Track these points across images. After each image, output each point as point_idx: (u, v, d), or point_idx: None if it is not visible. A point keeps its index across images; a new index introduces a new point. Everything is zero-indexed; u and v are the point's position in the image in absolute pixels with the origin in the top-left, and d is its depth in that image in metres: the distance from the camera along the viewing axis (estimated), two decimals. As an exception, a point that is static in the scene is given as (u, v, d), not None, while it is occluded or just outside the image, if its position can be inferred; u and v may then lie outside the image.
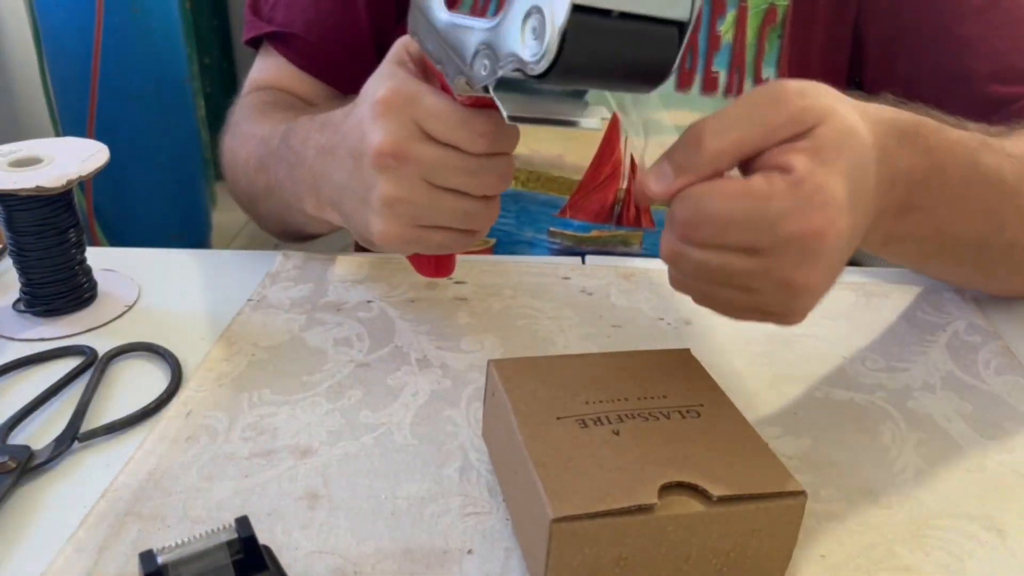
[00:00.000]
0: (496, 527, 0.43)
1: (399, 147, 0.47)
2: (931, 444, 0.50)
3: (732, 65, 0.72)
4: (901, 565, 0.42)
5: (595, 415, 0.42)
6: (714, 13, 0.71)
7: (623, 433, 0.40)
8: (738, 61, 0.72)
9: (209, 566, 0.34)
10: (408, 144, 0.48)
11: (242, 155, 0.71)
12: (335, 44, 0.76)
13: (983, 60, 0.68)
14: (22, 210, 0.58)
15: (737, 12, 0.71)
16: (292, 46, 0.77)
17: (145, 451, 0.48)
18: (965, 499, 0.46)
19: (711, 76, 0.72)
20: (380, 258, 0.70)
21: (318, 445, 0.49)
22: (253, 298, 0.64)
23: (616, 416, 0.42)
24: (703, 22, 0.71)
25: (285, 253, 0.71)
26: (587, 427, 0.41)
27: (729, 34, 0.71)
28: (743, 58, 0.72)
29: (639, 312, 0.63)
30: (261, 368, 0.56)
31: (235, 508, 0.44)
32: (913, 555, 0.42)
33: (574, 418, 0.41)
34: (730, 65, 0.72)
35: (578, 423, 0.41)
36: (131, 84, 2.04)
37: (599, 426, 0.41)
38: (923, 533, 0.44)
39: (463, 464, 0.48)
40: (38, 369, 0.56)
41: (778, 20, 0.72)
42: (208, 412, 0.52)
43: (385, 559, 0.41)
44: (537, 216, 0.77)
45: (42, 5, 2.02)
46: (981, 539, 0.43)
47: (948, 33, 0.68)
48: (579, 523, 0.35)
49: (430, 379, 0.55)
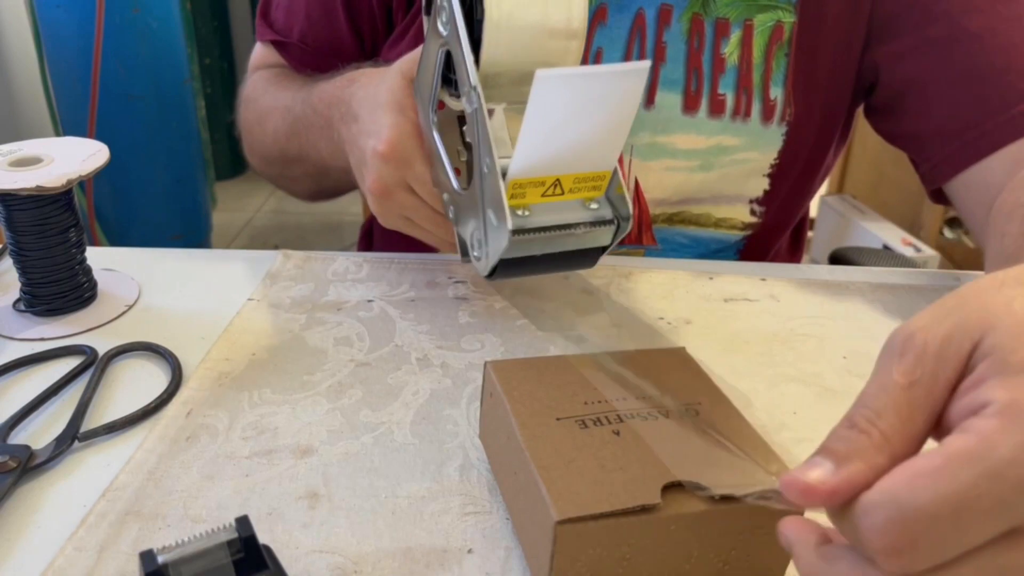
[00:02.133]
0: (496, 526, 0.43)
1: (386, 190, 0.58)
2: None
3: (739, 86, 0.71)
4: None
5: (595, 415, 0.41)
6: (717, 35, 0.71)
7: (623, 433, 0.40)
8: (745, 82, 0.71)
9: (209, 565, 0.34)
10: (394, 190, 0.58)
11: (269, 127, 0.78)
12: (325, 52, 0.82)
13: (995, 54, 0.66)
14: (22, 210, 0.58)
15: (742, 32, 0.71)
16: (289, 52, 0.84)
17: (145, 451, 0.48)
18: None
19: (718, 98, 0.72)
20: (380, 258, 0.70)
21: (318, 444, 0.49)
22: (253, 297, 0.64)
23: (616, 416, 0.41)
24: (707, 44, 0.71)
25: (285, 253, 0.71)
26: (587, 428, 0.41)
27: (735, 55, 0.71)
28: (750, 79, 0.71)
29: (640, 312, 0.63)
30: (261, 367, 0.56)
31: (235, 507, 0.44)
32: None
33: (574, 419, 0.41)
34: (737, 86, 0.71)
35: (578, 424, 0.41)
36: (131, 84, 2.04)
37: (599, 426, 0.41)
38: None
39: (463, 463, 0.48)
40: (38, 369, 0.56)
41: (785, 37, 0.71)
42: (208, 412, 0.52)
43: (385, 558, 0.41)
44: None
45: (42, 5, 2.02)
46: None
47: (957, 26, 0.67)
48: (583, 524, 0.35)
49: (430, 378, 0.55)
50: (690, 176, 0.74)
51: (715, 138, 0.72)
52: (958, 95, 0.68)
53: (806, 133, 0.73)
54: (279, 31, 0.85)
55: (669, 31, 0.71)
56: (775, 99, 0.71)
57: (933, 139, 0.70)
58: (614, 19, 0.72)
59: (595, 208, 0.49)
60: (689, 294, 0.66)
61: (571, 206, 0.48)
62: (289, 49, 0.84)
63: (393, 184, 0.57)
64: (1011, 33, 0.66)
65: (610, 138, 0.46)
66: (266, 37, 0.86)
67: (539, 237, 0.47)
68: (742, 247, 0.79)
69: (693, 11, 0.71)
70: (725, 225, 0.77)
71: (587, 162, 0.47)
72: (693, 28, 0.71)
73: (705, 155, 0.73)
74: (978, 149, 0.66)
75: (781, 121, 0.72)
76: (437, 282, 0.66)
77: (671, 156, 0.73)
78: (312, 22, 0.83)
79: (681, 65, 0.71)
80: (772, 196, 0.75)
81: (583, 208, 0.48)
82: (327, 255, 0.70)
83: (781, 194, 0.76)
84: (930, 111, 0.70)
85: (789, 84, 0.72)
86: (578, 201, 0.48)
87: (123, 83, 2.03)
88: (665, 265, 0.70)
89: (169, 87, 2.13)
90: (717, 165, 0.73)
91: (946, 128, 0.69)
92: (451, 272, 0.68)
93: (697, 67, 0.71)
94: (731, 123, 0.72)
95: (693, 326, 0.62)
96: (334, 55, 0.81)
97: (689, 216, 0.76)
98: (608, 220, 0.49)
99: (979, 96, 0.67)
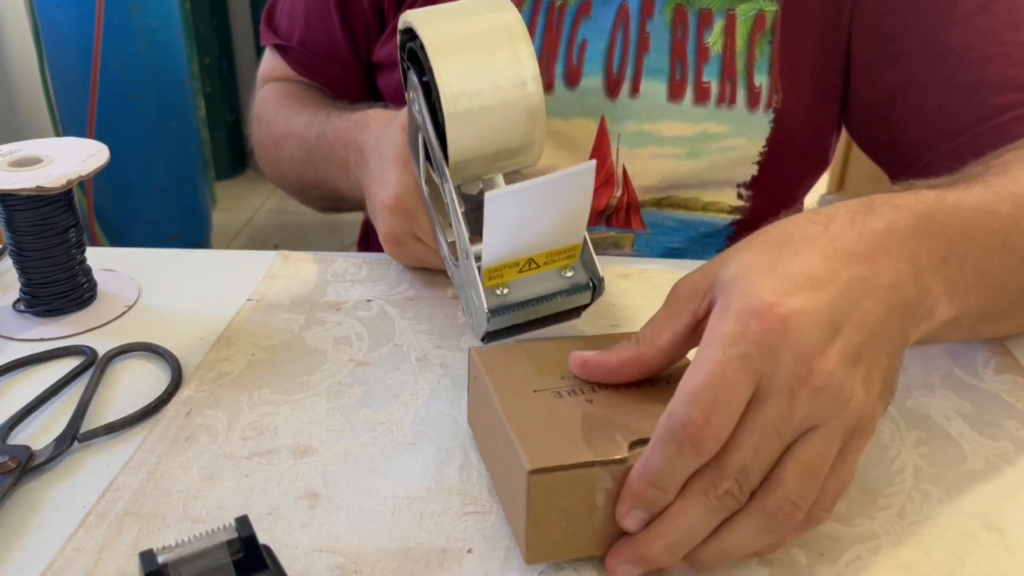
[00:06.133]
0: (496, 526, 0.43)
1: (396, 238, 0.62)
2: (930, 443, 0.50)
3: (723, 74, 0.72)
4: (900, 563, 0.42)
5: (570, 388, 0.44)
6: (701, 25, 0.72)
7: (596, 402, 0.43)
8: (729, 70, 0.72)
9: (209, 565, 0.34)
10: (404, 239, 0.62)
11: (286, 152, 0.83)
12: (323, 56, 0.86)
13: (972, 69, 0.66)
14: (22, 210, 0.59)
15: (725, 21, 0.71)
16: (291, 56, 0.88)
17: (145, 451, 0.49)
18: (964, 497, 0.46)
19: (703, 86, 0.72)
20: (379, 258, 0.70)
21: (318, 444, 0.49)
22: (253, 298, 0.64)
23: (590, 388, 0.44)
24: (690, 34, 0.72)
25: (284, 254, 0.71)
26: (562, 397, 0.43)
27: (718, 44, 0.72)
28: (734, 67, 0.72)
29: (637, 311, 0.63)
30: (261, 368, 0.56)
31: (235, 507, 0.45)
32: (912, 553, 0.42)
33: (550, 391, 0.44)
34: (721, 74, 0.72)
35: (554, 394, 0.43)
36: (131, 84, 2.04)
37: (574, 396, 0.43)
38: (922, 531, 0.44)
39: (463, 463, 0.48)
40: (38, 369, 0.57)
41: (767, 26, 0.71)
42: (208, 412, 0.52)
43: (385, 558, 0.41)
44: None
45: (42, 5, 2.02)
46: (980, 538, 0.43)
47: (935, 41, 0.67)
48: (554, 474, 0.38)
49: (430, 378, 0.55)
50: (678, 163, 0.75)
51: (701, 125, 0.73)
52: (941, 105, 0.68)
53: (795, 119, 0.73)
54: (282, 36, 0.89)
55: (652, 22, 0.72)
56: (760, 86, 0.72)
57: (916, 147, 0.71)
58: (598, 11, 0.73)
59: (570, 276, 0.52)
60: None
61: (548, 276, 0.52)
62: (290, 53, 0.88)
63: (402, 234, 0.61)
64: (986, 48, 0.66)
65: (572, 221, 0.49)
66: (269, 41, 0.90)
67: (519, 311, 0.51)
68: (732, 233, 0.79)
69: (676, 2, 0.72)
70: (713, 208, 0.77)
71: (555, 240, 0.50)
72: (676, 18, 0.72)
73: (692, 142, 0.74)
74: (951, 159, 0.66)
75: (768, 108, 0.72)
76: (436, 282, 0.66)
77: (658, 144, 0.74)
78: (310, 26, 0.86)
79: (665, 55, 0.72)
80: (761, 182, 0.76)
81: (559, 277, 0.52)
82: (326, 256, 0.71)
83: (773, 180, 0.76)
84: (912, 121, 0.70)
85: (775, 71, 0.72)
86: (555, 270, 0.52)
87: (123, 83, 2.03)
88: (663, 265, 0.70)
89: (169, 87, 2.13)
90: (704, 152, 0.74)
91: (929, 137, 0.69)
92: (450, 272, 0.68)
93: (682, 56, 0.72)
94: (716, 110, 0.72)
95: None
96: (331, 60, 0.85)
97: (677, 200, 0.77)
98: (583, 285, 0.52)
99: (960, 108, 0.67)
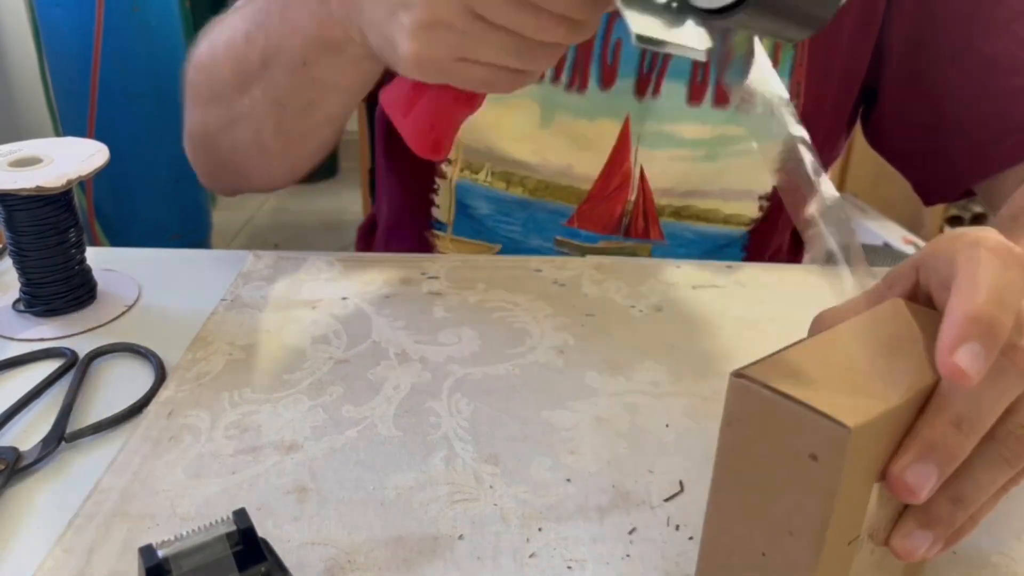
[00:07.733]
0: (485, 512, 0.44)
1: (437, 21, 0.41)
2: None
3: None
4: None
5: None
6: None
7: None
8: None
9: (209, 558, 0.35)
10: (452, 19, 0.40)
11: (220, 51, 0.64)
12: None
13: (1010, 77, 0.66)
14: (22, 210, 0.58)
15: None
16: None
17: (128, 452, 0.48)
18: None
19: (722, 89, 0.71)
20: (352, 256, 0.70)
21: (303, 440, 0.50)
22: (226, 297, 0.64)
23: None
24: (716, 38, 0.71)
25: (256, 253, 0.71)
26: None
27: (742, 47, 0.72)
28: None
29: (611, 301, 0.64)
30: (239, 367, 0.56)
31: (224, 504, 0.45)
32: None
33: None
34: None
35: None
36: (131, 84, 2.02)
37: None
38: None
39: (448, 453, 0.48)
40: (18, 372, 0.56)
41: None
42: (190, 412, 0.52)
43: (377, 547, 0.42)
44: (544, 224, 0.77)
45: (42, 5, 2.00)
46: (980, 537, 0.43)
47: (972, 48, 0.67)
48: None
49: (410, 373, 0.56)
50: (695, 165, 0.73)
51: (720, 128, 0.72)
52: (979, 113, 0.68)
53: (815, 124, 0.74)
54: None
55: None
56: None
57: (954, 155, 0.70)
58: None
59: None
60: (659, 283, 0.67)
61: None
62: None
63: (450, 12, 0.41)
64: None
65: None
66: None
67: None
68: (747, 242, 0.79)
69: None
70: (734, 222, 0.77)
71: None
72: None
73: (710, 144, 0.72)
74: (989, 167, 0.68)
75: None
76: (411, 279, 0.67)
77: (676, 145, 0.72)
78: None
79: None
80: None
81: None
82: (298, 255, 0.71)
83: None
84: (950, 129, 0.70)
85: (800, 74, 0.71)
86: None
87: (123, 82, 2.01)
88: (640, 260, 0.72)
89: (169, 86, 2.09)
90: (722, 155, 0.73)
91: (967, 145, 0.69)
92: (424, 269, 0.68)
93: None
94: (735, 114, 0.71)
95: (663, 312, 0.63)
96: None
97: (696, 211, 0.76)
98: None
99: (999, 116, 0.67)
